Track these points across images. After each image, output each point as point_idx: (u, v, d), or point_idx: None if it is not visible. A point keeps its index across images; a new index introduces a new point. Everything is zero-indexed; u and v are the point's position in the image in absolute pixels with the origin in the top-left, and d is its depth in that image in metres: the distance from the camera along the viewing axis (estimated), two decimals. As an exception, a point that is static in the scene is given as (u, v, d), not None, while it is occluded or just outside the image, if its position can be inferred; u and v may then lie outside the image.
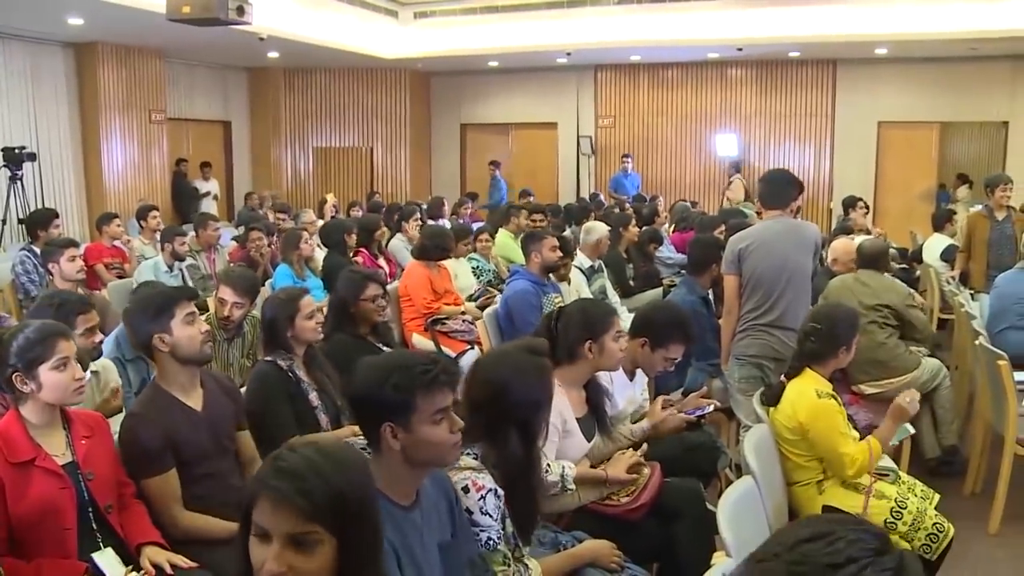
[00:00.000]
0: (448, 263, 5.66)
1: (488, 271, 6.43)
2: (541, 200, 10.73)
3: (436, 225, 6.99)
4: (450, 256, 5.72)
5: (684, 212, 8.97)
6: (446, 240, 5.62)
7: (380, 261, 6.49)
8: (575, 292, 5.26)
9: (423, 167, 14.70)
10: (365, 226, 6.58)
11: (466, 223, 7.87)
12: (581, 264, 5.74)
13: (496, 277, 6.40)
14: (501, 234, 7.28)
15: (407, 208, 7.85)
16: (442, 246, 5.50)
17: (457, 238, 6.07)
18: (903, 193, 12.47)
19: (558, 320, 2.92)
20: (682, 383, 4.10)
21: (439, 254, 5.48)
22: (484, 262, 6.48)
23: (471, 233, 6.55)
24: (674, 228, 8.64)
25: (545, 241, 4.97)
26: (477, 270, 6.31)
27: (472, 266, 6.29)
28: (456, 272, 5.80)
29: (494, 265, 6.63)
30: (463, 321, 5.21)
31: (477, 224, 7.77)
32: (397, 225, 7.58)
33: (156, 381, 2.62)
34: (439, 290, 5.34)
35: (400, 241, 7.22)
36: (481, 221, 8.73)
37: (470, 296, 5.78)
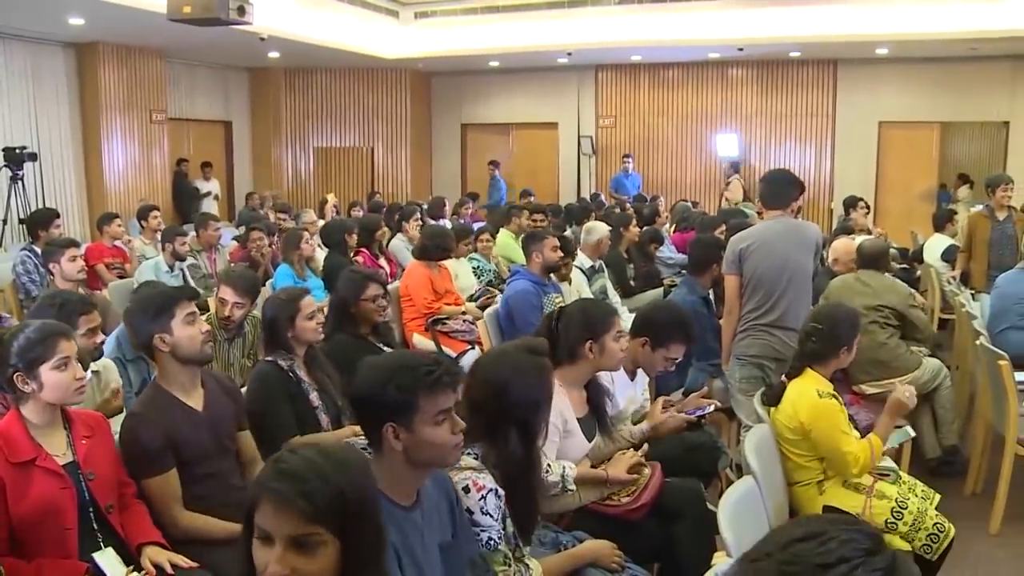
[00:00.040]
0: (449, 263, 5.66)
1: (489, 271, 6.42)
2: (542, 200, 10.75)
3: (437, 225, 6.99)
4: (451, 256, 5.72)
5: (685, 212, 8.98)
6: (447, 240, 5.62)
7: (381, 261, 6.50)
8: (576, 292, 5.26)
9: (424, 167, 14.69)
10: (366, 226, 6.59)
11: (467, 223, 7.86)
12: (582, 264, 5.73)
13: (497, 277, 6.40)
14: (502, 234, 7.29)
15: (408, 208, 7.85)
16: (443, 246, 5.50)
17: (458, 238, 6.07)
18: (904, 193, 12.46)
19: (559, 320, 2.92)
20: (683, 383, 4.10)
21: (440, 254, 5.48)
22: (485, 262, 6.47)
23: (472, 233, 6.55)
24: (675, 228, 8.64)
25: (546, 241, 4.97)
26: (478, 270, 6.31)
27: (473, 266, 6.29)
28: (457, 272, 5.79)
29: (495, 265, 6.63)
30: (464, 321, 5.21)
31: (478, 224, 7.76)
32: (398, 225, 7.58)
33: (157, 381, 2.62)
34: (440, 290, 5.34)
35: (401, 241, 7.22)
36: (482, 221, 8.72)
37: (471, 296, 5.78)
